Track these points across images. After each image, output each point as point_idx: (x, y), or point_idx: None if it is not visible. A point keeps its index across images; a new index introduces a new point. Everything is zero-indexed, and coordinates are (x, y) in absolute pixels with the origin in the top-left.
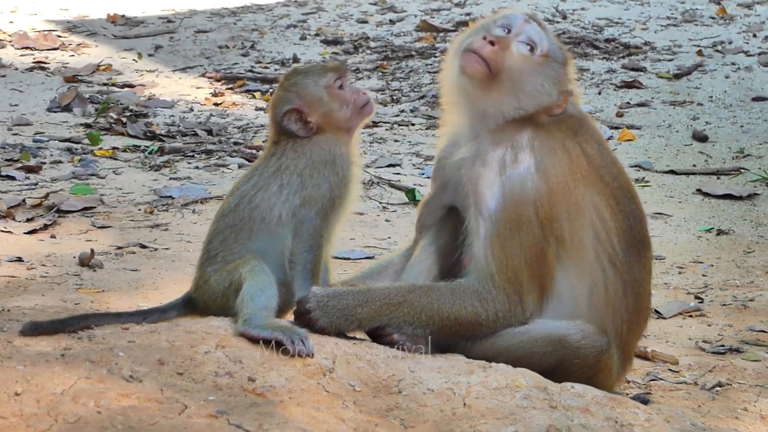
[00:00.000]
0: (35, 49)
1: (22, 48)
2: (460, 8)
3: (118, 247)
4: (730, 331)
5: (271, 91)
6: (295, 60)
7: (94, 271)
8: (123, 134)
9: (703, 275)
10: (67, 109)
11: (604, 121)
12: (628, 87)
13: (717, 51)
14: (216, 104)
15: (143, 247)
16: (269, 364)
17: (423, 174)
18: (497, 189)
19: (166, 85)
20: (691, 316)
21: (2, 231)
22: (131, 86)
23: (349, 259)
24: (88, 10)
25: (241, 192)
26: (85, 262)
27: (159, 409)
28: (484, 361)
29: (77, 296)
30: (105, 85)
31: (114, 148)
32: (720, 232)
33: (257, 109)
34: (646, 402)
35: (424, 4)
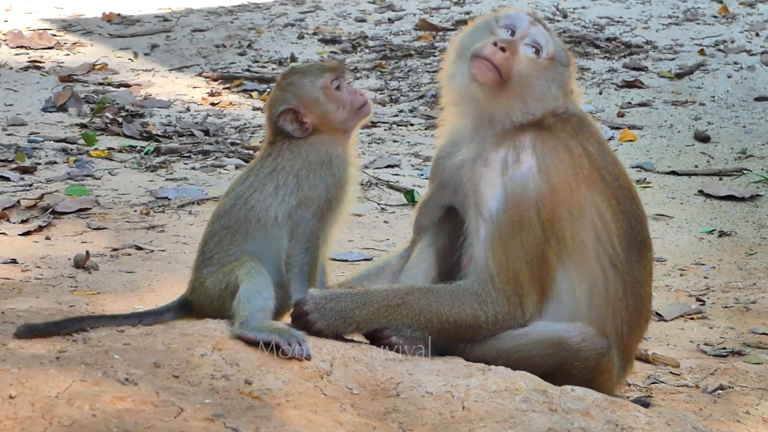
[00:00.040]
0: (30, 48)
1: (17, 47)
2: (460, 7)
3: (114, 249)
4: (731, 333)
5: (268, 90)
6: (293, 59)
7: (90, 273)
8: (119, 134)
9: (705, 277)
10: (63, 109)
11: (605, 121)
12: (629, 87)
13: (719, 50)
14: (213, 104)
15: (139, 248)
16: (266, 366)
17: (422, 175)
18: (499, 189)
19: (162, 85)
20: (692, 319)
21: None
22: (127, 86)
23: (347, 260)
24: (83, 8)
25: (237, 193)
26: (80, 263)
27: (155, 412)
28: (483, 364)
29: (72, 298)
30: (101, 84)
31: (110, 149)
32: (722, 234)
33: (254, 109)
34: (646, 405)
35: (422, 3)
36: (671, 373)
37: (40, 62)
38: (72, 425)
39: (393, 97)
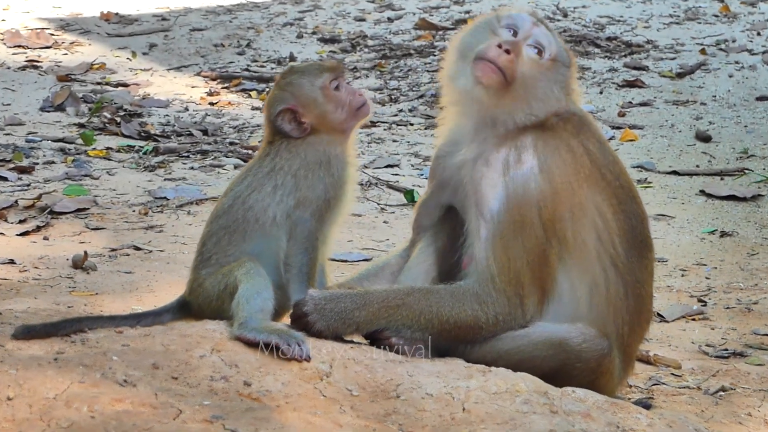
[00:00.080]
0: (28, 48)
1: (15, 46)
2: (459, 6)
3: (112, 249)
4: (733, 334)
5: (267, 90)
6: (292, 58)
7: (88, 273)
8: (117, 134)
9: (707, 278)
10: (60, 108)
11: (605, 120)
12: (630, 86)
13: (720, 49)
14: (211, 104)
15: (137, 249)
16: (265, 368)
17: (422, 175)
18: (500, 189)
19: (160, 84)
20: (694, 320)
21: None
22: (125, 85)
23: (346, 261)
24: (81, 7)
25: (235, 193)
26: (79, 264)
27: (153, 414)
28: (483, 365)
29: (70, 299)
30: (99, 84)
31: (108, 149)
32: (723, 234)
33: (253, 108)
34: (648, 407)
35: (422, 2)
36: (672, 374)
37: (37, 61)
38: (70, 427)
39: (392, 97)
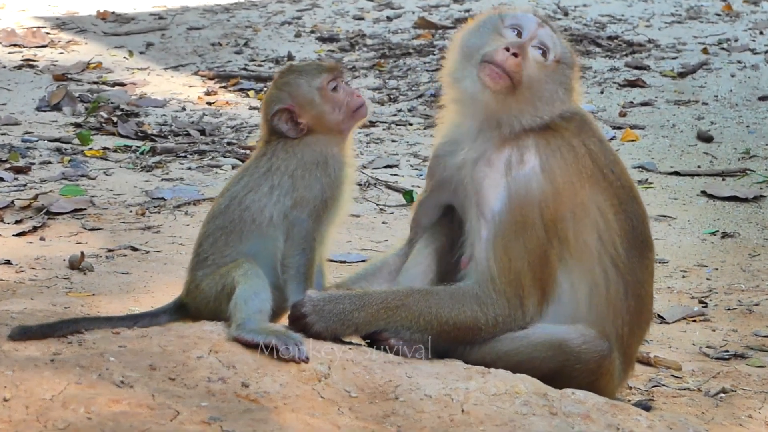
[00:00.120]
0: (23, 47)
1: (10, 45)
2: (459, 5)
3: (109, 250)
4: (734, 336)
5: (265, 89)
6: (290, 58)
7: (84, 274)
8: (114, 134)
9: (708, 279)
10: (57, 108)
11: (606, 120)
12: (631, 86)
13: (722, 49)
14: (209, 103)
15: (134, 249)
16: (263, 369)
17: (421, 175)
18: (502, 190)
19: (157, 84)
20: (695, 321)
21: None
22: (122, 85)
23: (345, 262)
24: (77, 6)
25: (232, 193)
26: (75, 265)
27: (150, 415)
28: (482, 367)
29: (67, 300)
30: (95, 83)
31: (104, 149)
32: (725, 235)
33: (251, 108)
34: (648, 408)
35: (421, 1)
36: (673, 376)
37: (33, 61)
38: (67, 428)
39: (392, 97)
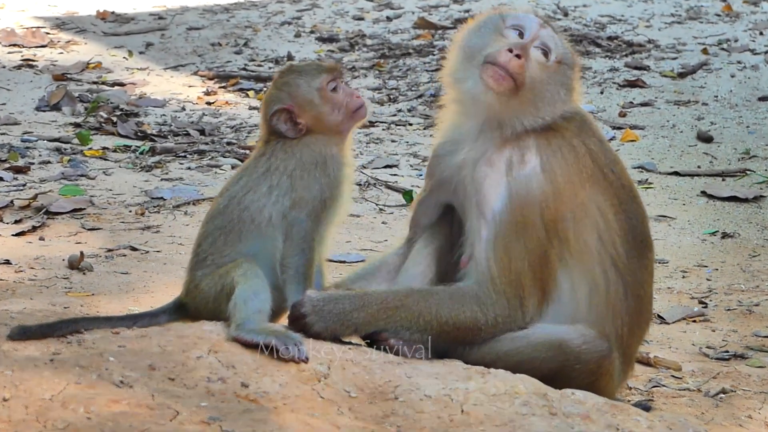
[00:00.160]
0: (23, 47)
1: (10, 45)
2: (459, 5)
3: (109, 250)
4: (734, 336)
5: (264, 89)
6: (290, 58)
7: (84, 274)
8: (113, 134)
9: (708, 279)
10: (56, 108)
11: (606, 121)
12: (631, 86)
13: (722, 49)
14: (208, 103)
15: (134, 249)
16: (263, 369)
17: (421, 175)
18: (503, 190)
19: (157, 84)
20: (694, 321)
21: None
22: (122, 85)
23: (344, 262)
24: (77, 6)
25: (231, 193)
26: (75, 264)
27: (150, 416)
28: (482, 367)
29: (66, 300)
30: (95, 83)
31: (104, 148)
32: (725, 235)
33: (251, 108)
34: (647, 409)
35: (421, 1)
36: (673, 376)
37: (33, 61)
38: (66, 428)
39: (391, 97)
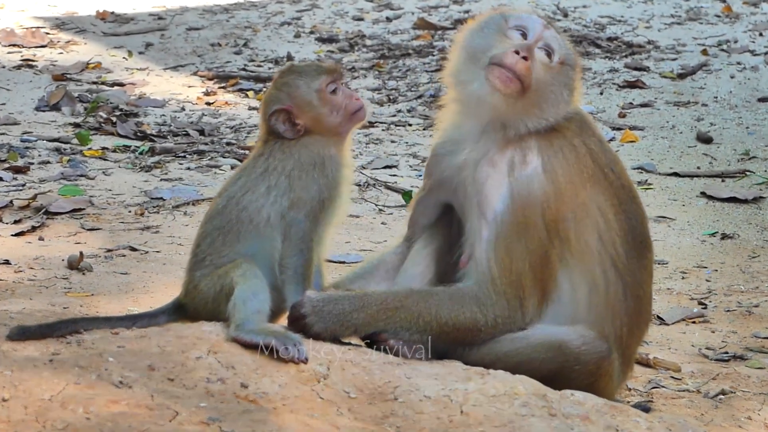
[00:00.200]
0: (23, 47)
1: (9, 45)
2: (459, 5)
3: (108, 250)
4: (734, 337)
5: (264, 90)
6: (289, 58)
7: (83, 274)
8: (113, 134)
9: (707, 280)
10: (56, 108)
11: (606, 121)
12: (630, 87)
13: (722, 50)
14: (208, 103)
15: (133, 249)
16: (262, 370)
17: (420, 176)
18: (505, 190)
19: (156, 84)
20: (694, 323)
21: None
22: (121, 85)
23: (344, 262)
24: (76, 6)
25: (229, 193)
26: (74, 265)
27: (149, 416)
28: (482, 368)
29: (66, 300)
30: (94, 83)
31: (104, 149)
32: (724, 236)
33: (250, 108)
34: (647, 410)
35: (421, 2)
36: (672, 377)
37: (32, 61)
38: (66, 429)
39: (391, 97)
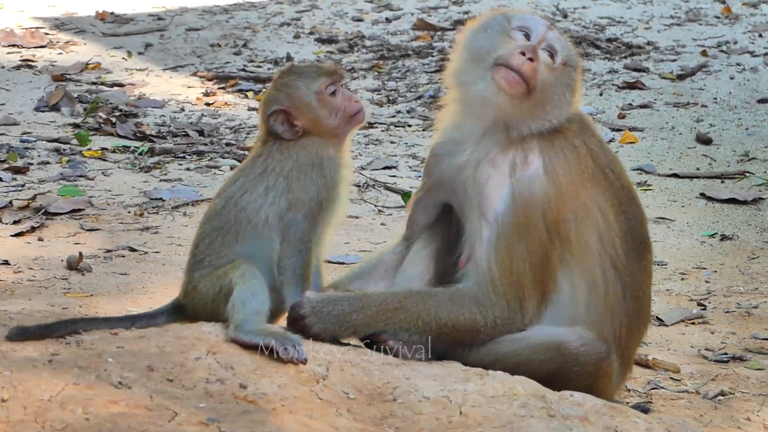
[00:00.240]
0: (22, 47)
1: (9, 45)
2: (458, 6)
3: (107, 251)
4: (733, 338)
5: (263, 90)
6: (289, 59)
7: (83, 274)
8: (112, 134)
9: (706, 281)
10: (55, 108)
11: (605, 122)
12: (630, 88)
13: (722, 51)
14: (207, 104)
15: (133, 250)
16: (261, 370)
17: (420, 176)
18: (506, 191)
19: (156, 85)
20: (693, 324)
21: None
22: (121, 85)
23: (343, 263)
24: (76, 6)
25: (228, 194)
26: (74, 265)
27: (148, 417)
28: (481, 369)
29: (65, 300)
30: (94, 84)
31: (103, 149)
32: (724, 238)
33: (250, 109)
34: (646, 411)
35: (421, 2)
36: (671, 378)
37: (32, 61)
38: (65, 429)
39: (390, 98)
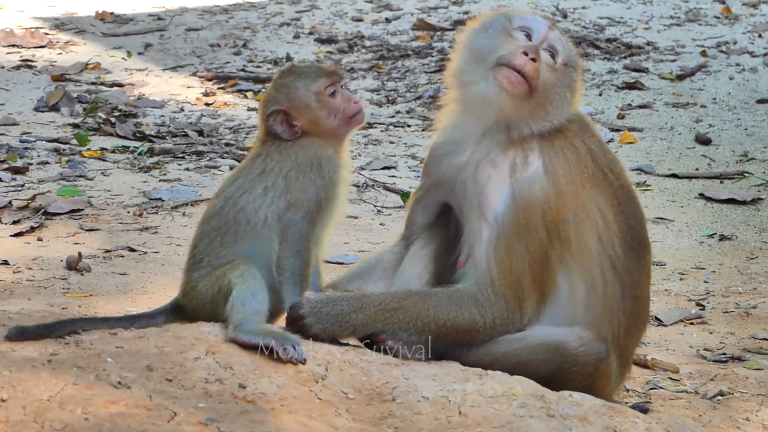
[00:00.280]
0: (22, 47)
1: (9, 45)
2: (458, 6)
3: (107, 251)
4: (732, 339)
5: (263, 90)
6: (289, 59)
7: (82, 274)
8: (112, 135)
9: (705, 282)
10: (55, 108)
11: (604, 123)
12: (629, 88)
13: (721, 51)
14: (207, 104)
15: (132, 250)
16: (261, 370)
17: (419, 177)
18: (506, 191)
19: (156, 85)
20: (692, 324)
21: None
22: (120, 85)
23: (342, 263)
24: (76, 6)
25: (227, 194)
26: (73, 265)
27: (148, 417)
28: (480, 369)
29: (64, 300)
30: (93, 84)
31: (102, 149)
32: (723, 238)
33: (249, 109)
34: (645, 411)
35: (420, 2)
36: (670, 378)
37: (32, 61)
38: (64, 429)
39: (390, 98)
